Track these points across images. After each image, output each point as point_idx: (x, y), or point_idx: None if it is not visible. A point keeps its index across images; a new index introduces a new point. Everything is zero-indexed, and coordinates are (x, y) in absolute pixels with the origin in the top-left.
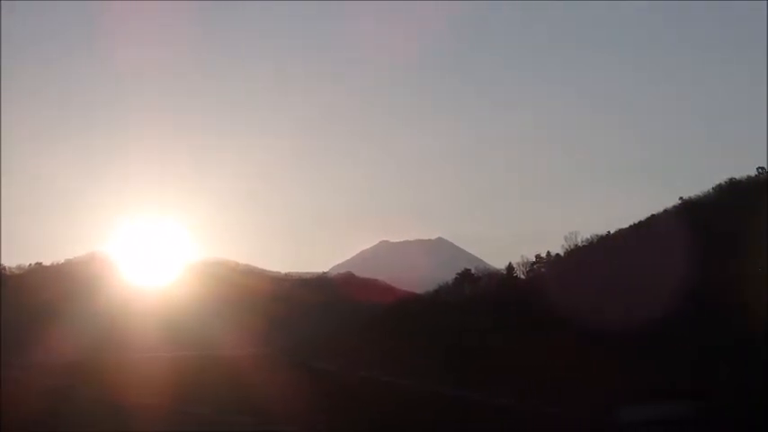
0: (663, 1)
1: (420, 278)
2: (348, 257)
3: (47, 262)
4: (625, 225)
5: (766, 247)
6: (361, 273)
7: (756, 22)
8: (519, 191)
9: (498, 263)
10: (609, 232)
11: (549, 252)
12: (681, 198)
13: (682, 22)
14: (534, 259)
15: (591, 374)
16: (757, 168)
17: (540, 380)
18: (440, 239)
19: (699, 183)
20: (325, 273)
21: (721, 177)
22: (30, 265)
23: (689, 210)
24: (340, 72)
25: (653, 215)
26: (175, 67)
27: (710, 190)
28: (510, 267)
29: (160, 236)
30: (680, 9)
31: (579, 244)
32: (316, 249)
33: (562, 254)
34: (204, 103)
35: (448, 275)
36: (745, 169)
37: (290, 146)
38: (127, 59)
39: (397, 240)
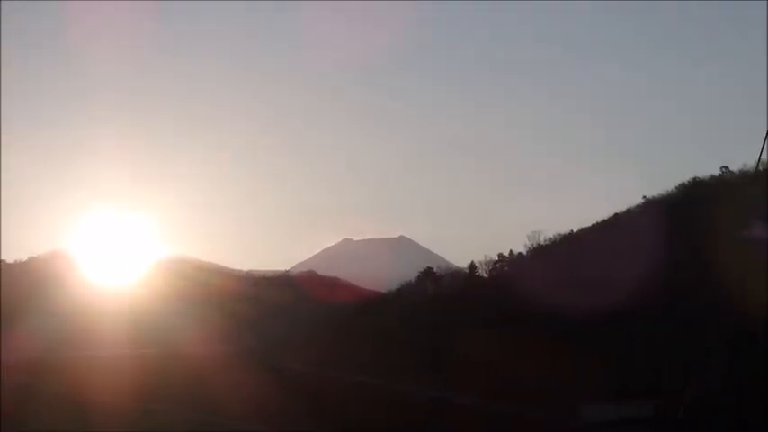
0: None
1: (382, 277)
2: (310, 256)
3: (9, 260)
4: (588, 224)
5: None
6: (324, 271)
7: (709, 20)
8: (481, 190)
9: (461, 262)
10: (572, 231)
11: (511, 251)
12: (644, 197)
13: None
14: (497, 258)
15: (556, 374)
16: (721, 167)
17: (508, 379)
18: (402, 238)
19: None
20: (287, 271)
21: (685, 176)
22: None
23: (653, 208)
24: (301, 71)
25: (616, 214)
26: (135, 60)
27: (674, 189)
28: (472, 266)
29: (123, 233)
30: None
31: (542, 243)
32: (277, 247)
33: (525, 253)
34: (167, 99)
35: (410, 274)
36: (708, 168)
37: (251, 143)
38: (87, 53)
39: (360, 239)
